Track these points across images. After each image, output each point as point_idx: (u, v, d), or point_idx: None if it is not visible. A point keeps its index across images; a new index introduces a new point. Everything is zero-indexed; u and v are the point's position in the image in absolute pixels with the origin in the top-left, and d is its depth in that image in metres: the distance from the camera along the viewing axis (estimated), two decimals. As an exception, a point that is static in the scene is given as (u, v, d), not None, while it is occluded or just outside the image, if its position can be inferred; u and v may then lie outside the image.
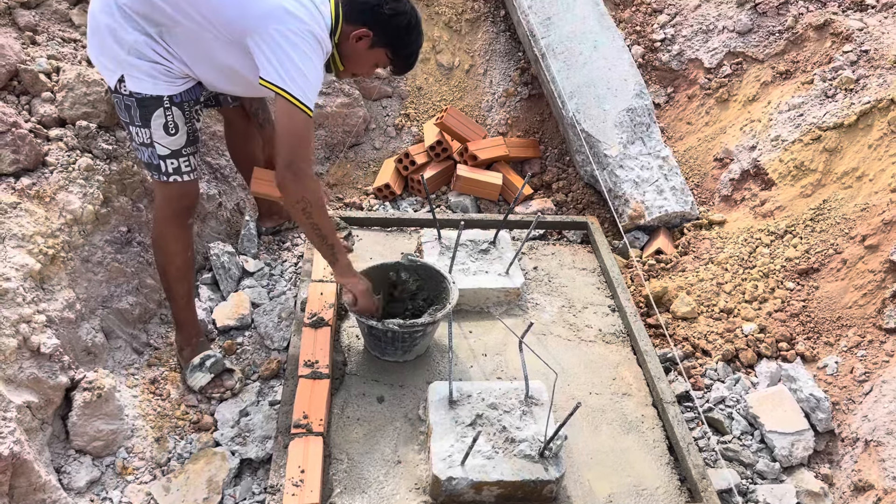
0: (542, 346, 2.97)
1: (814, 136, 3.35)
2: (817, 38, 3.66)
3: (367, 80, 4.18)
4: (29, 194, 2.47)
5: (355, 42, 2.36)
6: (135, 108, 2.32)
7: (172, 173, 2.45)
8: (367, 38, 2.36)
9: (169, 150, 2.41)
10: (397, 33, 2.38)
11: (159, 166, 2.43)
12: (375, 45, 2.38)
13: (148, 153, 2.41)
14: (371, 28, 2.34)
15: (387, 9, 2.33)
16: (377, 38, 2.36)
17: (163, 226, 2.57)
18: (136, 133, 2.38)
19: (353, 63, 2.44)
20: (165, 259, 2.61)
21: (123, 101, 2.32)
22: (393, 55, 2.43)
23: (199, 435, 2.57)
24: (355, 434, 2.53)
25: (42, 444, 2.21)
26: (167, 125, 2.36)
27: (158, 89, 2.30)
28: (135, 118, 2.34)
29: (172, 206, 2.53)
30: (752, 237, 3.30)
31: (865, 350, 2.77)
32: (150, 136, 2.36)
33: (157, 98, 2.31)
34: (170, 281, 2.65)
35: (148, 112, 2.32)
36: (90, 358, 2.52)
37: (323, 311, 2.83)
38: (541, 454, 2.33)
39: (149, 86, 2.29)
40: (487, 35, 4.42)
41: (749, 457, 2.64)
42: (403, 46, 2.43)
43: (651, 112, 3.81)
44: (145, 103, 2.31)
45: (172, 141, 2.39)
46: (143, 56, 2.25)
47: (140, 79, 2.28)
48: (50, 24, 2.98)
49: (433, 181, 4.01)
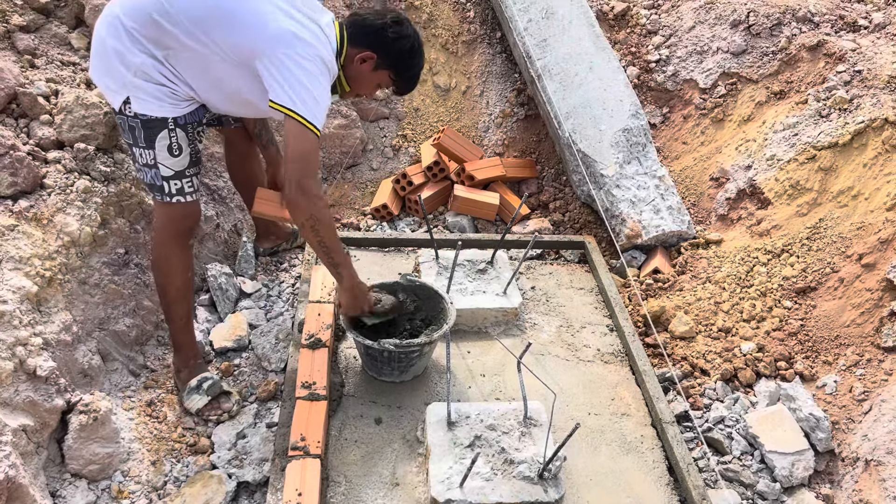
0: (541, 367, 2.97)
1: (809, 156, 3.37)
2: (811, 59, 3.69)
3: (364, 101, 4.20)
4: (27, 216, 2.47)
5: (360, 64, 2.45)
6: (139, 130, 2.35)
7: (176, 194, 2.47)
8: (371, 60, 2.45)
9: (172, 172, 2.43)
10: (401, 56, 2.48)
11: (163, 187, 2.45)
12: (379, 68, 2.48)
13: (151, 174, 2.43)
14: (375, 51, 2.43)
15: (391, 32, 2.43)
16: (381, 61, 2.46)
17: (164, 247, 2.58)
18: (139, 154, 2.40)
19: (357, 84, 2.53)
20: (165, 280, 2.61)
21: (128, 122, 2.34)
22: (396, 77, 2.52)
23: (195, 458, 2.55)
24: (353, 456, 2.51)
25: (37, 467, 2.19)
26: (171, 147, 2.39)
27: (163, 111, 2.34)
28: (139, 139, 2.36)
29: (175, 226, 2.55)
30: (749, 256, 3.31)
31: (864, 369, 2.77)
32: (154, 157, 2.39)
33: (162, 120, 2.34)
34: (169, 302, 2.65)
35: (152, 133, 2.35)
36: (86, 380, 2.50)
37: (320, 332, 2.83)
38: (540, 475, 2.31)
39: (154, 107, 2.32)
40: (484, 57, 4.45)
41: (749, 477, 2.62)
42: (406, 69, 2.53)
43: (647, 132, 3.83)
44: (150, 125, 2.34)
45: (176, 162, 2.42)
46: (149, 78, 2.29)
47: (145, 100, 2.31)
48: (49, 47, 3.00)
49: (430, 201, 4.02)
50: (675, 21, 4.21)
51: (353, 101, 4.15)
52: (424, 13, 4.40)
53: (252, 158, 3.13)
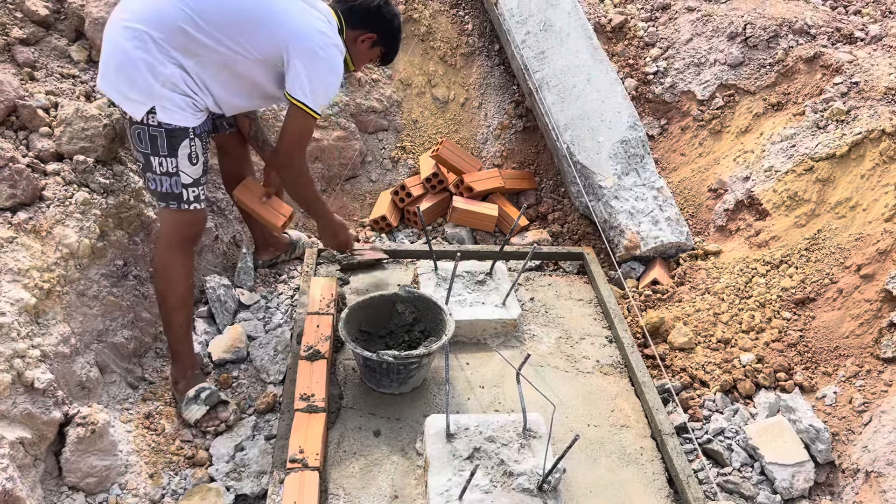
0: (540, 378, 2.96)
1: (806, 167, 3.38)
2: (808, 71, 3.71)
3: (363, 113, 4.21)
4: (25, 228, 2.47)
5: (360, 44, 2.74)
6: (162, 139, 2.44)
7: (193, 201, 2.58)
8: (369, 39, 2.74)
9: (192, 179, 2.55)
10: (394, 33, 2.80)
11: (181, 195, 2.54)
12: (375, 45, 2.78)
13: (170, 182, 2.51)
14: (375, 31, 2.74)
15: (386, 13, 2.73)
16: (379, 39, 2.76)
17: (169, 253, 2.62)
18: (159, 163, 2.48)
19: (356, 62, 2.82)
20: (167, 287, 2.64)
21: (149, 132, 2.43)
22: (386, 51, 2.84)
23: (193, 470, 2.54)
24: (352, 468, 2.50)
25: (35, 480, 2.18)
26: (191, 155, 2.51)
27: (187, 121, 2.46)
28: (161, 148, 2.45)
29: (183, 231, 2.62)
30: (748, 267, 3.31)
31: (864, 380, 2.77)
32: (176, 165, 2.49)
33: (185, 129, 2.47)
34: (170, 309, 2.66)
35: (176, 142, 2.46)
36: (84, 393, 2.50)
37: (319, 343, 2.82)
38: (539, 488, 2.30)
39: (179, 117, 2.44)
40: (482, 69, 4.47)
41: (749, 489, 2.61)
42: (396, 43, 2.84)
43: (645, 143, 3.84)
44: (175, 133, 2.45)
45: (195, 170, 2.55)
46: (176, 89, 2.41)
47: (172, 110, 2.42)
48: (49, 60, 3.01)
49: (429, 213, 4.02)
50: (672, 33, 4.23)
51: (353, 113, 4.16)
52: (423, 26, 4.42)
53: (246, 163, 3.19)
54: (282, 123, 2.69)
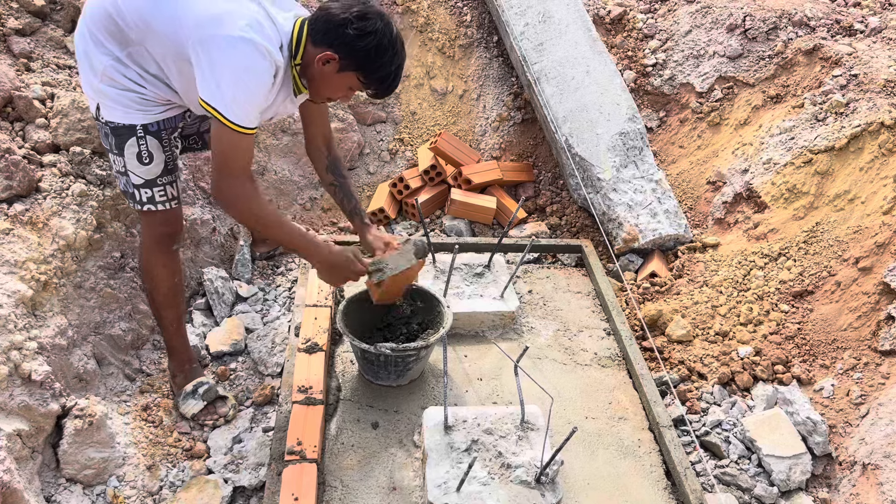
0: (538, 370, 2.96)
1: (805, 160, 3.38)
2: (807, 63, 3.70)
3: (361, 105, 4.20)
4: (22, 220, 2.46)
5: (321, 65, 2.15)
6: (110, 136, 2.33)
7: (146, 202, 2.41)
8: (333, 61, 2.14)
9: (143, 180, 2.38)
10: (366, 56, 2.14)
11: (133, 195, 2.41)
12: (345, 69, 2.16)
13: (123, 181, 2.41)
14: (336, 51, 2.12)
15: (352, 30, 2.09)
16: (344, 62, 2.14)
17: (148, 252, 2.55)
18: (113, 161, 2.39)
19: (323, 87, 2.25)
20: (152, 285, 2.59)
21: (102, 128, 2.34)
22: (364, 79, 2.19)
23: (191, 462, 2.54)
24: (350, 461, 2.50)
25: (32, 472, 2.18)
26: (140, 154, 2.33)
27: (130, 118, 2.28)
28: (112, 146, 2.35)
29: (154, 232, 2.51)
30: (746, 260, 3.31)
31: (861, 372, 2.77)
32: (124, 164, 2.36)
33: (130, 127, 2.29)
34: (158, 307, 2.63)
35: (121, 141, 2.31)
36: (82, 385, 2.49)
37: (317, 336, 2.82)
38: (537, 480, 2.30)
39: (120, 114, 2.27)
40: (480, 61, 4.46)
41: (747, 481, 2.62)
42: (374, 70, 2.17)
43: (643, 136, 3.83)
44: (119, 132, 2.30)
45: (147, 171, 2.37)
46: (114, 83, 2.23)
47: (112, 108, 2.26)
48: (45, 50, 2.99)
49: (427, 205, 4.01)
50: (671, 25, 4.22)
51: (349, 104, 4.14)
52: (421, 17, 4.40)
53: None
54: None
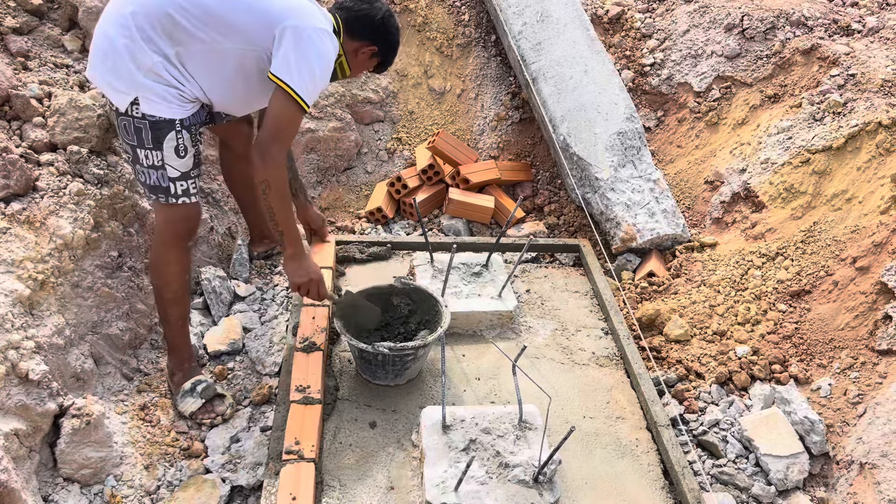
0: (536, 370, 2.96)
1: (803, 159, 3.38)
2: (804, 63, 3.70)
3: (359, 104, 4.19)
4: (19, 219, 2.46)
5: (359, 55, 2.61)
6: (146, 131, 2.36)
7: (181, 195, 2.48)
8: (370, 51, 2.60)
9: (179, 173, 2.45)
10: (393, 47, 2.67)
11: (168, 188, 2.45)
12: (374, 56, 2.64)
13: (157, 176, 2.43)
14: (377, 43, 2.60)
15: (389, 25, 2.60)
16: (378, 52, 2.62)
17: (163, 248, 2.57)
18: (145, 156, 2.40)
19: (352, 71, 2.68)
20: (163, 282, 2.60)
21: (134, 123, 2.35)
22: (383, 61, 2.69)
23: (189, 462, 2.54)
24: (347, 460, 2.50)
25: (29, 472, 2.18)
26: (178, 148, 2.41)
27: (172, 112, 2.36)
28: (146, 141, 2.37)
29: (175, 228, 2.54)
30: (744, 259, 3.31)
31: (858, 372, 2.77)
32: (161, 158, 2.40)
33: (170, 121, 2.37)
34: (166, 304, 2.64)
35: (161, 135, 2.37)
36: (79, 384, 2.49)
37: (315, 335, 2.82)
38: (535, 479, 2.31)
39: (163, 108, 2.35)
40: (478, 60, 4.45)
41: (744, 480, 2.62)
42: (393, 54, 2.71)
43: (641, 135, 3.83)
44: (159, 126, 2.36)
45: (182, 164, 2.45)
46: (159, 79, 2.31)
47: (155, 101, 2.33)
48: (42, 49, 2.99)
49: (425, 204, 4.01)
50: (669, 25, 4.22)
51: (349, 104, 4.14)
52: (419, 16, 4.40)
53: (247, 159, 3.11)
54: None
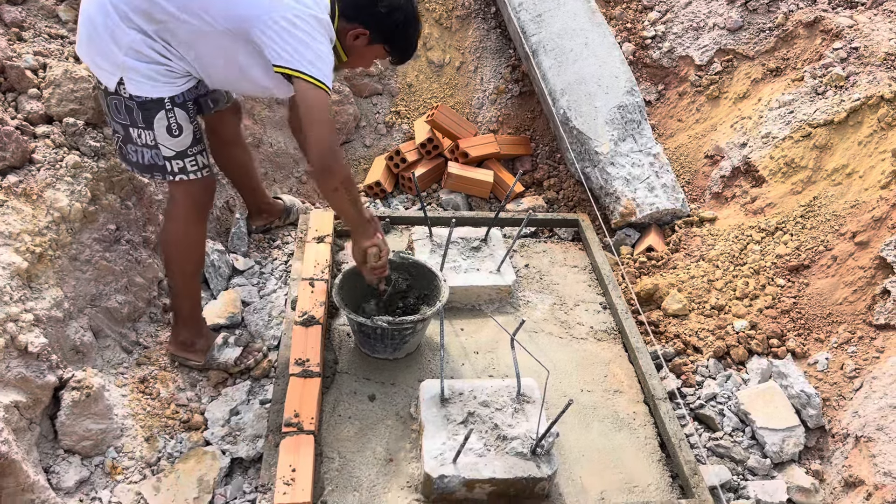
0: (534, 344, 2.97)
1: (804, 133, 3.36)
2: (807, 36, 3.67)
3: (357, 77, 4.16)
4: (16, 192, 2.44)
5: (353, 40, 2.39)
6: (136, 111, 2.28)
7: (178, 173, 2.41)
8: (363, 36, 2.38)
9: (174, 152, 2.37)
10: (394, 30, 2.40)
11: (164, 167, 2.39)
12: (374, 42, 2.41)
13: (150, 155, 2.36)
14: (367, 26, 2.37)
15: (382, 7, 2.34)
16: (375, 36, 2.39)
17: (182, 223, 2.53)
18: (138, 135, 2.33)
19: (353, 59, 2.48)
20: (184, 256, 2.58)
21: (125, 103, 2.28)
22: (391, 49, 2.47)
23: (189, 434, 2.55)
24: (347, 432, 2.52)
25: (30, 443, 2.19)
26: (170, 128, 2.32)
27: (159, 91, 2.27)
28: (137, 121, 2.30)
29: (189, 201, 2.50)
30: (743, 234, 3.31)
31: (856, 346, 2.78)
32: (153, 138, 2.33)
33: (159, 101, 2.28)
34: (188, 276, 2.63)
35: (150, 115, 2.29)
36: (79, 357, 2.49)
37: (314, 309, 2.82)
38: (533, 451, 2.32)
39: (148, 88, 2.25)
40: (478, 32, 4.41)
41: (740, 453, 2.64)
42: (401, 40, 2.45)
43: (642, 109, 3.81)
44: (147, 106, 2.27)
45: (177, 142, 2.36)
46: (141, 57, 2.21)
47: (140, 82, 2.24)
48: (36, 20, 2.95)
49: (424, 179, 3.99)
50: (671, -3, 4.17)
51: (347, 76, 4.11)
52: (418, -13, 4.35)
53: (237, 146, 3.09)
54: None
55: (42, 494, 2.09)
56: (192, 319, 2.74)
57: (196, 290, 2.71)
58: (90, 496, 2.29)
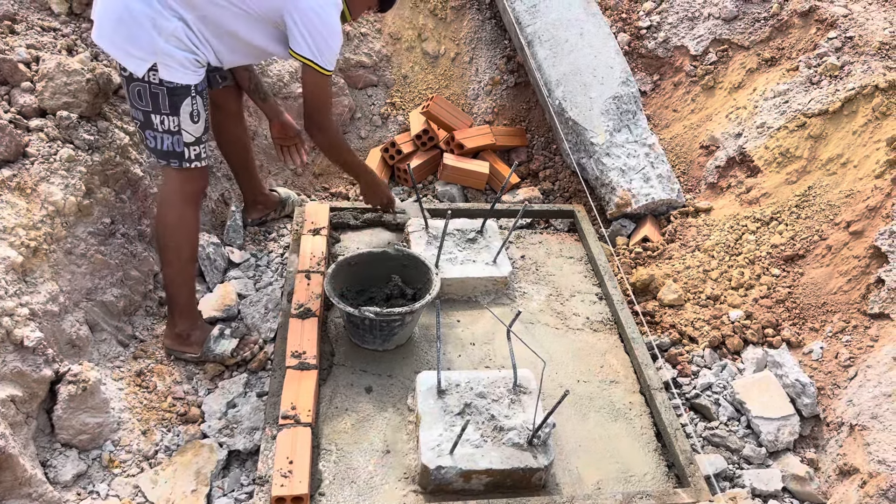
0: (530, 335, 2.98)
1: (799, 123, 3.36)
2: (802, 25, 3.66)
3: (352, 68, 4.15)
4: (10, 186, 2.43)
5: None
6: (163, 96, 2.40)
7: (195, 159, 2.54)
8: None
9: (194, 138, 2.51)
10: None
11: (183, 153, 2.51)
12: None
13: (171, 140, 2.48)
14: None
15: None
16: None
17: (180, 209, 2.61)
18: (160, 121, 2.44)
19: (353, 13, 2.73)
20: (181, 242, 2.63)
21: (150, 89, 2.38)
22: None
23: (186, 427, 2.55)
24: (344, 424, 2.52)
25: (27, 437, 2.19)
26: (193, 113, 2.47)
27: (188, 78, 2.41)
28: (163, 106, 2.41)
29: (190, 188, 2.61)
30: (738, 224, 3.31)
31: (850, 335, 2.80)
32: (178, 123, 2.45)
33: (187, 87, 2.42)
34: (183, 265, 2.68)
35: (178, 100, 2.42)
36: (75, 351, 2.49)
37: (310, 301, 2.82)
38: (529, 442, 2.33)
39: (180, 75, 2.38)
40: (473, 23, 4.39)
41: (735, 442, 2.66)
42: None
43: (637, 100, 3.81)
44: (177, 92, 2.40)
45: (196, 128, 2.50)
46: (179, 45, 2.35)
47: (174, 68, 2.36)
48: (29, 13, 2.93)
49: (420, 170, 3.99)
50: (666, -14, 4.16)
51: (342, 67, 4.09)
52: (413, -22, 4.33)
53: (239, 120, 3.17)
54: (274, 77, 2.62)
55: (39, 488, 2.09)
56: (187, 309, 2.74)
57: (191, 277, 2.73)
58: (87, 490, 2.29)
